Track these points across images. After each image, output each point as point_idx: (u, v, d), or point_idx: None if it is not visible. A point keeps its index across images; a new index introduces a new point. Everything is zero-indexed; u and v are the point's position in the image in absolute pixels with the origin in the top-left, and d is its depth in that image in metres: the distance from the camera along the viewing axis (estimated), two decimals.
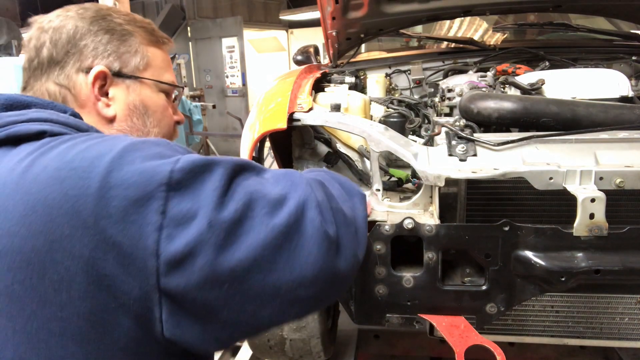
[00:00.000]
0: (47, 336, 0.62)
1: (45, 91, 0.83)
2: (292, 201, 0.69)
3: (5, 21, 8.73)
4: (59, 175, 0.63)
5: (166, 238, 0.61)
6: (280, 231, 0.66)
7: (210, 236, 0.62)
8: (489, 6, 2.26)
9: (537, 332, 1.46)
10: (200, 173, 0.65)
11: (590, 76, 1.59)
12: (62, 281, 0.61)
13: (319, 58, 2.86)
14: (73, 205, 0.61)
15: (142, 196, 0.61)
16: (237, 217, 0.64)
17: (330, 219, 0.72)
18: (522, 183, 1.19)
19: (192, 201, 0.63)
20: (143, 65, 0.88)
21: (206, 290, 0.63)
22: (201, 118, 6.62)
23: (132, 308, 0.63)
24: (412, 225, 1.26)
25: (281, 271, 0.66)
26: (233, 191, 0.66)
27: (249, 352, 2.40)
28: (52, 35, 0.83)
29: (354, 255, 0.76)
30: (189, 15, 9.79)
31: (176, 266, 0.61)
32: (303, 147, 1.58)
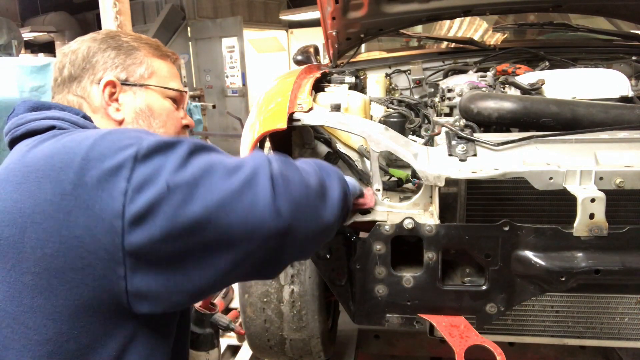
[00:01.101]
0: (21, 287, 0.73)
1: (65, 101, 0.98)
2: (247, 167, 0.79)
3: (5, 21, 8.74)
4: (51, 152, 0.75)
5: (130, 200, 0.71)
6: (233, 193, 0.75)
7: (169, 195, 0.72)
8: (489, 6, 2.26)
9: (537, 332, 1.46)
10: (165, 148, 0.76)
11: (590, 76, 1.59)
12: (39, 240, 0.72)
13: (319, 58, 2.85)
14: (57, 175, 0.72)
15: (114, 166, 0.72)
16: (194, 180, 0.74)
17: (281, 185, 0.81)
18: (522, 183, 1.19)
19: (154, 169, 0.73)
20: (148, 74, 1.01)
21: (168, 243, 0.72)
22: (201, 118, 6.61)
23: (97, 267, 0.72)
24: (412, 225, 1.26)
25: (234, 225, 0.75)
26: (192, 161, 0.76)
27: (249, 352, 2.40)
28: (70, 57, 0.98)
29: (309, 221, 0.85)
30: (189, 15, 9.79)
31: (139, 223, 0.71)
32: (303, 147, 1.58)
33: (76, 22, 11.91)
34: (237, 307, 2.41)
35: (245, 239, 0.76)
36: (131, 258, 0.72)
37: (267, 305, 1.77)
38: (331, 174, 0.98)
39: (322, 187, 0.91)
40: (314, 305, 1.74)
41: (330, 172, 0.99)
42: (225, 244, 0.76)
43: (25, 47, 10.09)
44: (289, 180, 0.83)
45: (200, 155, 0.78)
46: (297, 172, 0.88)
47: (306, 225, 0.84)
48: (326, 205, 0.91)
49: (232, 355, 2.54)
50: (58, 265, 0.72)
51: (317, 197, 0.88)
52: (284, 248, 0.82)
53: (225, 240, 0.75)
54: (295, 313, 1.75)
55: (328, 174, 0.97)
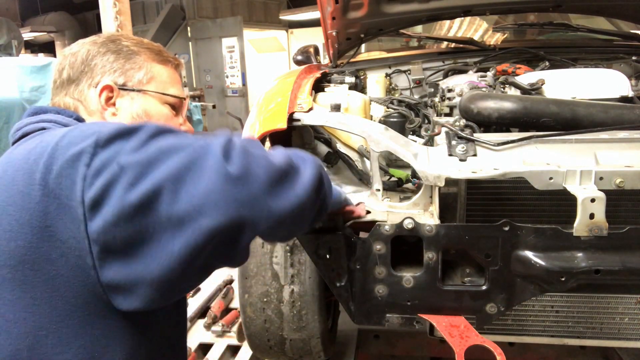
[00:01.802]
0: (0, 281, 0.72)
1: (62, 104, 0.97)
2: (201, 144, 0.75)
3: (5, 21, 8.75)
4: (29, 148, 0.76)
5: (88, 186, 0.70)
6: (182, 165, 0.72)
7: (121, 175, 0.70)
8: (489, 6, 2.26)
9: (537, 332, 1.46)
10: (125, 134, 0.74)
11: (590, 76, 1.59)
12: (12, 231, 0.72)
13: (319, 58, 2.85)
14: (30, 167, 0.73)
15: (76, 153, 0.71)
16: (148, 159, 0.71)
17: (237, 158, 0.75)
18: (522, 183, 1.19)
19: (113, 153, 0.72)
20: (147, 80, 0.99)
21: (121, 226, 0.69)
22: (201, 118, 6.62)
23: (70, 257, 0.72)
24: (412, 225, 1.26)
25: (183, 200, 0.70)
26: (152, 143, 0.74)
27: (249, 352, 2.40)
28: (70, 60, 0.98)
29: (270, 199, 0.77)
30: (189, 15, 9.79)
31: (95, 209, 0.70)
32: (303, 147, 1.58)
33: (76, 22, 11.92)
34: (237, 307, 2.41)
35: (196, 212, 0.70)
36: (95, 246, 0.71)
37: (267, 305, 1.77)
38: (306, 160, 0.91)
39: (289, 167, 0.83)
40: (314, 305, 1.74)
41: (305, 158, 0.92)
42: (177, 222, 0.70)
43: (25, 47, 10.10)
44: (249, 152, 0.77)
45: (162, 137, 0.75)
46: (261, 149, 0.82)
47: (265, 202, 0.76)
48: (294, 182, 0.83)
49: (232, 355, 2.54)
50: (32, 256, 0.72)
51: (281, 174, 0.80)
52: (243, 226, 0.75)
53: (176, 218, 0.70)
54: (295, 313, 1.75)
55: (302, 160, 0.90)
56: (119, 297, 0.75)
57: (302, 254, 1.71)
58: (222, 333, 2.63)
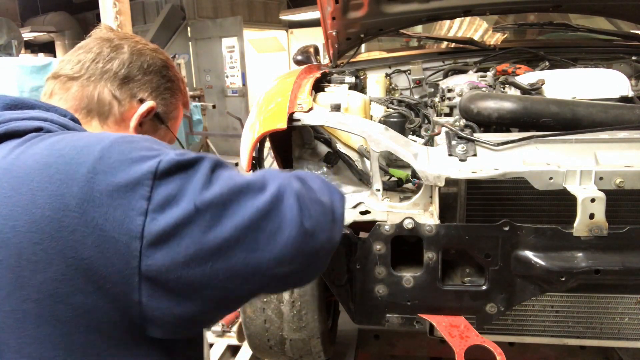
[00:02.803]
0: (23, 317, 0.64)
1: (95, 92, 0.90)
2: (272, 187, 0.74)
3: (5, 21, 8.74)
4: (46, 161, 0.66)
5: (151, 221, 0.64)
6: (262, 214, 0.70)
7: (197, 216, 0.66)
8: (489, 6, 2.26)
9: (537, 332, 1.46)
10: (186, 166, 0.69)
11: (590, 76, 1.59)
12: (39, 262, 0.63)
13: (319, 58, 2.85)
14: (58, 188, 0.64)
15: (129, 182, 0.64)
16: (222, 200, 0.68)
17: (306, 205, 0.76)
18: (522, 183, 1.19)
19: (178, 188, 0.67)
20: (173, 118, 1.04)
21: (192, 268, 0.66)
22: (201, 118, 6.62)
23: (109, 292, 0.65)
24: (412, 225, 1.26)
25: (262, 250, 0.69)
26: (217, 179, 0.71)
27: (249, 352, 2.40)
28: (130, 57, 0.94)
29: (328, 240, 0.81)
30: (189, 15, 9.79)
31: (160, 245, 0.64)
32: (303, 147, 1.58)
33: (76, 22, 11.92)
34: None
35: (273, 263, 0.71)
36: (147, 283, 0.65)
37: (267, 305, 1.77)
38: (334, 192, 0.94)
39: (331, 205, 0.87)
40: (314, 305, 1.74)
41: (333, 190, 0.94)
42: (253, 270, 0.70)
43: (25, 47, 10.09)
44: (310, 199, 0.79)
45: (221, 172, 0.73)
46: (312, 190, 0.83)
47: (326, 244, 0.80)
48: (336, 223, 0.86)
49: (232, 355, 2.54)
50: (64, 290, 0.64)
51: (330, 216, 0.84)
52: (309, 269, 0.79)
53: (253, 265, 0.70)
54: (295, 313, 1.75)
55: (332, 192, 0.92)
56: (156, 330, 0.70)
57: None
58: (222, 333, 2.63)
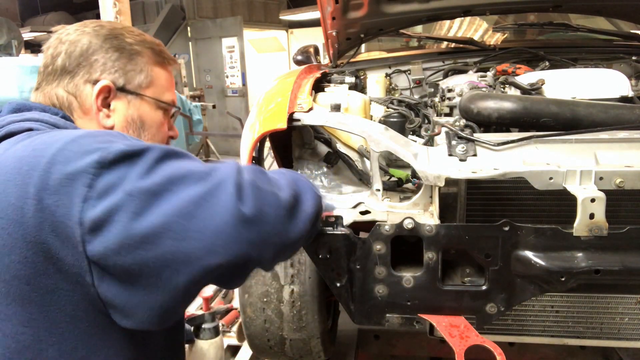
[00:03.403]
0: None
1: (54, 95, 0.91)
2: (212, 178, 0.73)
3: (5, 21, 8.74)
4: (21, 155, 0.72)
5: (89, 208, 0.67)
6: (193, 201, 0.70)
7: (128, 203, 0.68)
8: (489, 6, 2.26)
9: (537, 332, 1.46)
10: (131, 156, 0.71)
11: (590, 76, 1.59)
12: (5, 246, 0.69)
13: (319, 58, 2.85)
14: (23, 178, 0.69)
15: (75, 171, 0.68)
16: (157, 188, 0.69)
17: (249, 196, 0.74)
18: (522, 183, 1.19)
19: (118, 177, 0.69)
20: (146, 84, 0.96)
21: (123, 255, 0.68)
22: (201, 118, 6.61)
23: (69, 273, 0.69)
24: (412, 225, 1.26)
25: (191, 239, 0.69)
26: (158, 169, 0.72)
27: (249, 352, 2.40)
28: (67, 47, 0.91)
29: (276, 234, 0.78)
30: (189, 15, 9.78)
31: (96, 232, 0.67)
32: (303, 147, 1.58)
33: (76, 22, 11.90)
34: (237, 307, 2.41)
35: (204, 252, 0.70)
36: (95, 267, 0.69)
37: (267, 305, 1.77)
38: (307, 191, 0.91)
39: (294, 201, 0.84)
40: (314, 305, 1.74)
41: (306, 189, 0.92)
42: (183, 259, 0.69)
43: (25, 47, 10.08)
44: (260, 189, 0.77)
45: (169, 162, 0.74)
46: (269, 183, 0.82)
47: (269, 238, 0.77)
48: (295, 219, 0.83)
49: (232, 355, 2.54)
50: (27, 271, 0.69)
51: (288, 212, 0.81)
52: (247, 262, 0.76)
53: (183, 255, 0.69)
54: (295, 313, 1.75)
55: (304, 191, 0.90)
56: (117, 316, 0.73)
57: (302, 254, 1.71)
58: (222, 333, 2.62)
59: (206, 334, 1.66)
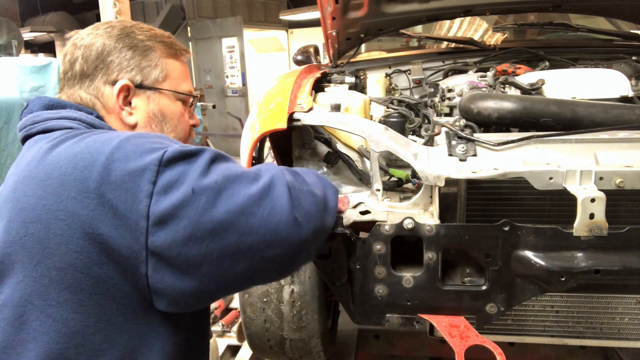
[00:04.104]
0: (48, 282, 0.75)
1: (77, 97, 0.96)
2: (265, 177, 0.83)
3: (5, 21, 8.74)
4: (74, 151, 0.78)
5: (155, 202, 0.74)
6: (254, 199, 0.79)
7: (194, 199, 0.75)
8: (489, 6, 2.26)
9: (537, 332, 1.46)
10: (188, 155, 0.79)
11: (590, 76, 1.58)
12: (63, 236, 0.74)
13: (319, 58, 2.85)
14: (82, 173, 0.75)
15: (138, 168, 0.74)
16: (218, 186, 0.77)
17: (297, 195, 0.86)
18: (522, 183, 1.19)
19: (180, 174, 0.76)
20: (162, 77, 1.00)
21: (189, 246, 0.75)
22: (201, 118, 6.61)
23: (121, 264, 0.75)
24: (412, 225, 1.26)
25: (254, 233, 0.78)
26: (214, 168, 0.80)
27: (249, 352, 2.40)
28: (83, 52, 0.95)
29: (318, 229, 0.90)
30: (189, 15, 9.78)
31: (163, 224, 0.74)
32: (303, 147, 1.58)
33: (76, 22, 11.90)
34: (237, 307, 2.41)
35: (264, 245, 0.79)
36: (153, 257, 0.75)
37: (267, 305, 1.77)
38: (329, 186, 1.04)
39: (324, 197, 0.96)
40: (314, 305, 1.74)
41: (327, 183, 1.04)
42: (245, 250, 0.78)
43: (25, 47, 10.09)
44: (301, 190, 0.88)
45: (220, 163, 0.82)
46: (305, 183, 0.92)
47: (316, 232, 0.88)
48: (328, 213, 0.96)
49: (232, 355, 2.54)
50: (83, 261, 0.74)
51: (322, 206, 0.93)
52: (298, 254, 0.86)
53: (244, 246, 0.78)
54: (295, 313, 1.75)
55: (326, 185, 1.02)
56: (162, 301, 0.79)
57: None
58: (222, 333, 2.63)
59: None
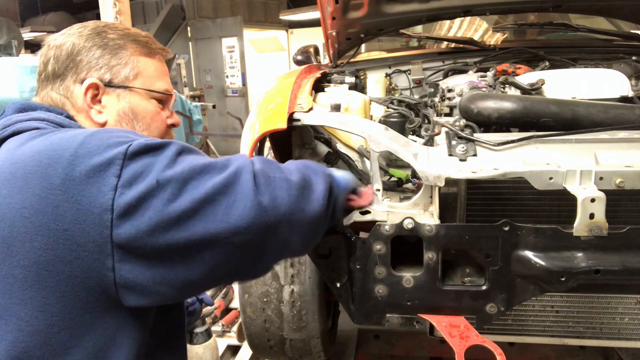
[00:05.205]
0: (12, 281, 0.75)
1: (49, 98, 0.96)
2: (231, 167, 0.82)
3: (5, 21, 8.74)
4: (38, 149, 0.77)
5: (119, 195, 0.73)
6: (218, 188, 0.79)
7: (159, 190, 0.75)
8: (489, 6, 2.27)
9: (537, 332, 1.46)
10: (153, 148, 0.78)
11: (590, 76, 1.58)
12: (27, 234, 0.74)
13: (319, 58, 2.85)
14: (45, 170, 0.74)
15: (103, 163, 0.74)
16: (183, 177, 0.77)
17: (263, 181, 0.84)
18: (522, 183, 1.19)
19: (145, 166, 0.76)
20: (133, 75, 0.98)
21: (155, 236, 0.75)
22: (201, 118, 6.60)
23: (86, 260, 0.75)
24: (412, 225, 1.26)
25: (219, 221, 0.78)
26: (181, 160, 0.80)
27: (249, 352, 2.40)
28: (55, 52, 0.95)
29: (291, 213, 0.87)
30: (189, 15, 9.78)
31: (128, 216, 0.74)
32: (303, 147, 1.58)
33: (76, 22, 11.84)
34: (237, 307, 2.41)
35: (229, 232, 0.78)
36: (119, 250, 0.75)
37: (267, 305, 1.77)
38: (317, 172, 0.98)
39: (304, 182, 0.92)
40: (314, 305, 1.74)
41: (316, 170, 0.99)
42: (211, 238, 0.78)
43: (25, 47, 10.08)
44: (271, 177, 0.86)
45: (187, 155, 0.81)
46: (279, 170, 0.90)
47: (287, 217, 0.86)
48: (309, 199, 0.92)
49: (232, 355, 2.54)
50: (47, 258, 0.74)
51: (297, 191, 0.89)
52: (268, 240, 0.84)
53: (210, 234, 0.77)
54: (295, 313, 1.75)
55: (314, 172, 0.98)
56: (131, 296, 0.78)
57: None
58: (222, 333, 2.63)
59: (199, 338, 1.67)
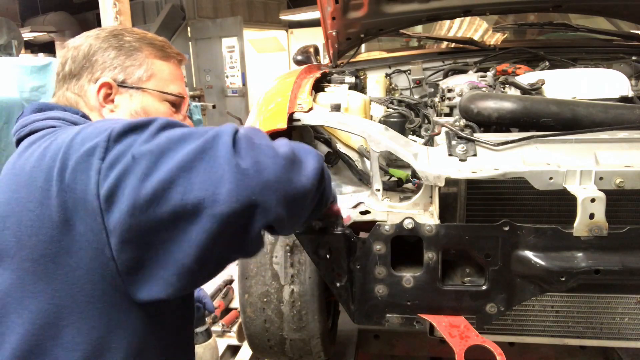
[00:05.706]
0: (23, 274, 0.76)
1: (64, 98, 0.99)
2: (209, 134, 0.77)
3: (5, 21, 8.75)
4: (46, 145, 0.79)
5: (103, 178, 0.72)
6: (195, 153, 0.73)
7: (134, 165, 0.72)
8: (489, 6, 2.27)
9: (537, 332, 1.46)
10: (136, 128, 0.77)
11: (590, 76, 1.59)
12: (33, 227, 0.75)
13: (319, 58, 2.85)
14: (47, 164, 0.76)
15: (89, 148, 0.74)
16: (160, 149, 0.74)
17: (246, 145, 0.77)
18: (522, 183, 1.19)
19: (125, 146, 0.74)
20: (146, 77, 0.99)
21: (137, 216, 0.71)
22: (201, 118, 6.60)
23: (88, 250, 0.74)
24: (412, 225, 1.26)
25: (197, 190, 0.72)
26: (162, 134, 0.76)
27: (249, 352, 2.40)
28: (72, 53, 0.98)
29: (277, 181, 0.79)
30: (189, 15, 9.78)
31: (110, 200, 0.72)
32: None
33: (76, 22, 11.90)
34: (237, 307, 2.41)
35: (210, 201, 0.72)
36: (113, 237, 0.73)
37: (267, 305, 1.77)
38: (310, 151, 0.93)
39: (294, 156, 0.85)
40: (314, 305, 1.74)
41: (309, 149, 0.94)
42: (192, 209, 0.72)
43: (25, 47, 10.09)
44: (255, 143, 0.79)
45: (171, 129, 0.78)
46: (266, 139, 0.84)
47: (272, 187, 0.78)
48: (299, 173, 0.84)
49: (232, 355, 2.54)
50: (53, 250, 0.75)
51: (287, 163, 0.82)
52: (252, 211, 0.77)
53: (191, 205, 0.72)
54: (295, 313, 1.75)
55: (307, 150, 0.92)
56: (137, 287, 0.77)
57: (302, 254, 1.71)
58: (222, 333, 2.63)
59: (199, 338, 1.67)
